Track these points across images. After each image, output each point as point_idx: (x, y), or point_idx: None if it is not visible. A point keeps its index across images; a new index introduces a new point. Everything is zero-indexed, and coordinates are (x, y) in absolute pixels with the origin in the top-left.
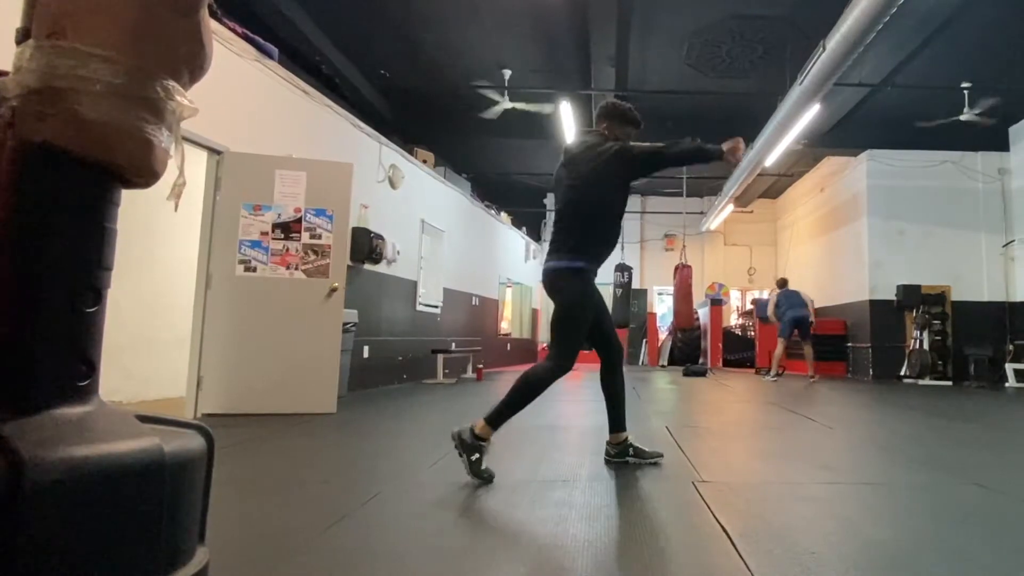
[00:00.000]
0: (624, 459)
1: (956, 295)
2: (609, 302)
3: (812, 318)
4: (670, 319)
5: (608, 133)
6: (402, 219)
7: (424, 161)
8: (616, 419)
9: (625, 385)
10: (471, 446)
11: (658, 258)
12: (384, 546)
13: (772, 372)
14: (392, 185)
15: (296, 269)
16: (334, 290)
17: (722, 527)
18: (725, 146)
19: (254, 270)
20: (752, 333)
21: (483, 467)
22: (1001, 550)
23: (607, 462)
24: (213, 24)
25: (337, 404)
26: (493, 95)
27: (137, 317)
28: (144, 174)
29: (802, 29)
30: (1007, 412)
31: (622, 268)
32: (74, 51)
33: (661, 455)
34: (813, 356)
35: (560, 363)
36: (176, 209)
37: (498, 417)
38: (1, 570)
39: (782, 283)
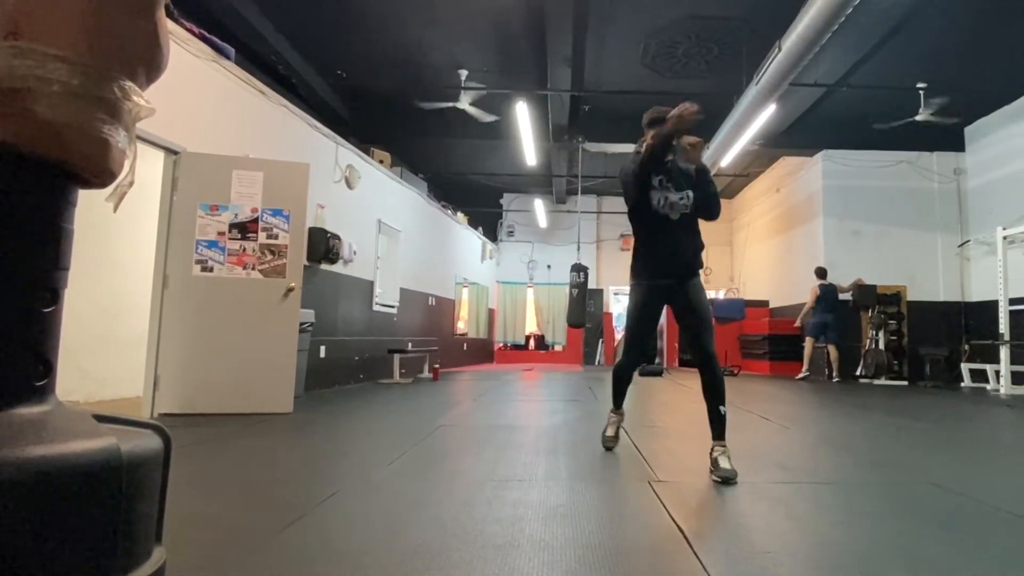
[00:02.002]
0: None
1: (912, 295)
2: (565, 302)
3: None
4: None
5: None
6: (358, 219)
7: (381, 161)
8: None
9: (615, 374)
10: None
11: (614, 258)
12: (341, 545)
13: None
14: (349, 185)
15: (253, 269)
16: (291, 290)
17: (678, 527)
18: (670, 120)
19: (211, 270)
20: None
21: None
22: (956, 549)
23: None
24: (169, 24)
25: (294, 404)
26: (449, 95)
27: (94, 317)
28: (101, 174)
29: (758, 30)
30: (963, 412)
31: (578, 268)
32: (31, 51)
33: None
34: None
35: None
36: (115, 210)
37: None
38: None
39: (822, 273)
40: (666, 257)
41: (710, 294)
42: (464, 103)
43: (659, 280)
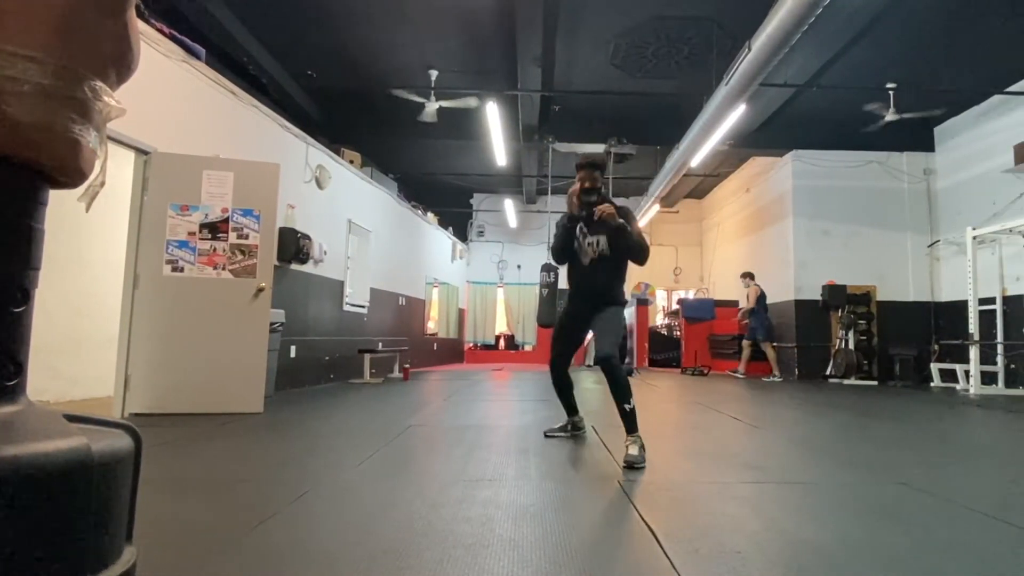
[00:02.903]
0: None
1: (881, 295)
2: (535, 302)
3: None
4: None
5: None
6: (329, 219)
7: (351, 161)
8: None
9: (552, 379)
10: None
11: None
12: (312, 545)
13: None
14: (319, 185)
15: (223, 269)
16: (261, 290)
17: (648, 526)
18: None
19: (181, 270)
20: (678, 333)
21: None
22: (925, 548)
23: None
24: (140, 25)
25: (264, 404)
26: (418, 97)
27: (65, 317)
28: (71, 174)
29: (728, 30)
30: (932, 412)
31: (548, 268)
32: (1, 52)
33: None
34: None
35: None
36: (87, 210)
37: None
38: None
39: (751, 275)
40: (585, 291)
41: (679, 293)
42: (434, 103)
43: (582, 304)
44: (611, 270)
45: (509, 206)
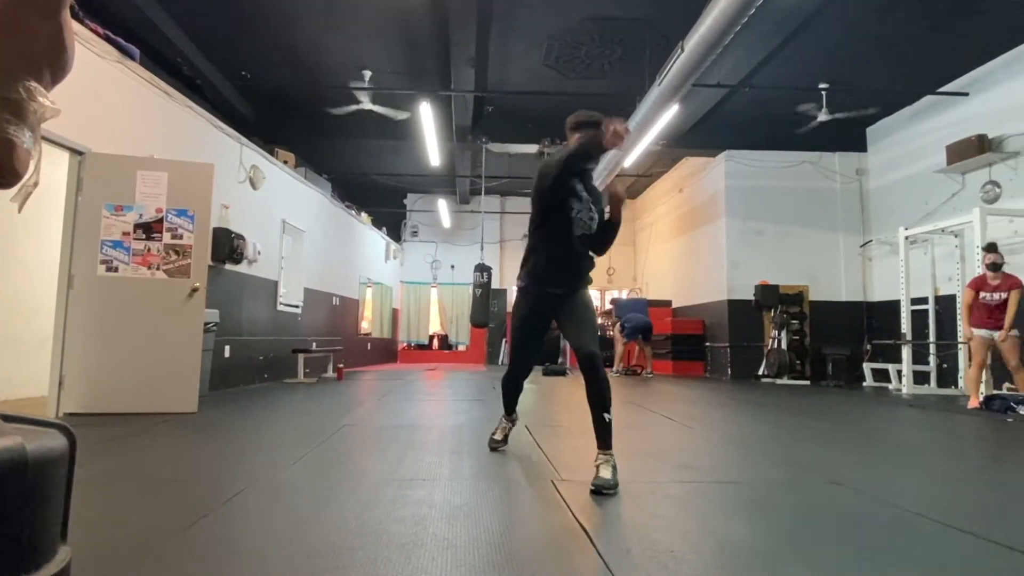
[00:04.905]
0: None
1: (814, 295)
2: (468, 302)
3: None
4: None
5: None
6: (263, 219)
7: (285, 162)
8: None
9: (504, 384)
10: None
11: (518, 258)
12: (245, 544)
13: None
14: (253, 185)
15: (158, 269)
16: (195, 290)
17: (582, 526)
18: (607, 135)
19: (116, 270)
20: (611, 333)
21: None
22: (856, 547)
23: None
24: (75, 25)
25: (198, 403)
26: (353, 96)
27: None
28: (6, 175)
29: (661, 30)
30: (864, 411)
31: (481, 268)
32: None
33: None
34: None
35: None
36: (20, 211)
37: None
38: None
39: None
40: (563, 267)
41: (613, 294)
42: (367, 104)
43: (550, 288)
44: (588, 249)
45: (443, 206)
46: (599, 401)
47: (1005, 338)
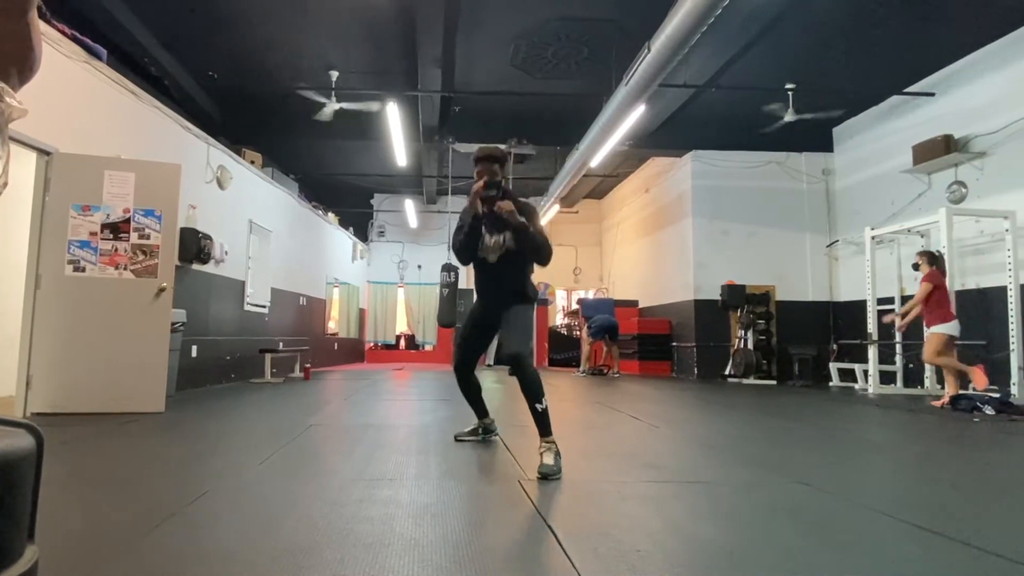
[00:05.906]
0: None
1: (781, 295)
2: (435, 302)
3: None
4: None
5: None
6: (230, 219)
7: (252, 162)
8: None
9: (456, 377)
10: None
11: None
12: (212, 544)
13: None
14: (220, 186)
15: (125, 269)
16: (162, 290)
17: (548, 526)
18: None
19: (83, 270)
20: (577, 333)
21: None
22: (824, 547)
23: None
24: (42, 25)
25: (165, 403)
26: (320, 96)
27: None
28: None
29: (627, 31)
30: (830, 411)
31: (448, 268)
32: None
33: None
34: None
35: None
36: None
37: None
38: None
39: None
40: (491, 288)
41: (579, 293)
42: (334, 103)
43: (490, 303)
44: (518, 265)
45: (410, 206)
46: (529, 394)
47: (892, 319)
